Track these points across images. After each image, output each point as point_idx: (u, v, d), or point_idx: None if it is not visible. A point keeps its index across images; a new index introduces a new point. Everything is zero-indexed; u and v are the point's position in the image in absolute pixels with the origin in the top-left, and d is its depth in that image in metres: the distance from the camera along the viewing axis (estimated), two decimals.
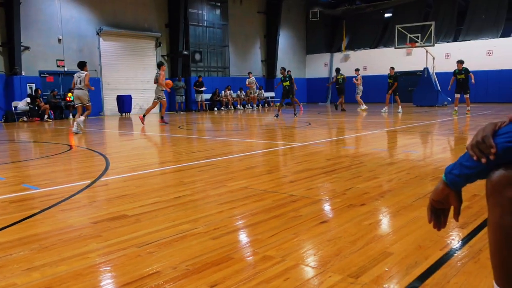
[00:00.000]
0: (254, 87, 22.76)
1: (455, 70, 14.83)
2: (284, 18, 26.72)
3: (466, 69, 14.68)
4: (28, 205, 3.74)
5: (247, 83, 22.43)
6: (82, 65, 10.90)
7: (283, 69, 15.38)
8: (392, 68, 17.30)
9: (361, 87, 18.14)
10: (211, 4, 23.38)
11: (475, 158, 1.26)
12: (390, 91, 16.89)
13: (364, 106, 17.81)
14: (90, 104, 11.13)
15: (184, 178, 4.72)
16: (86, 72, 10.82)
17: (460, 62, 14.70)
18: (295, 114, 15.24)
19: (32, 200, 3.91)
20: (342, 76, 17.98)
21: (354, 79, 18.26)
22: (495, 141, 1.23)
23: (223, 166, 5.38)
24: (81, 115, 11.02)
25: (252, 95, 22.99)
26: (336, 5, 28.76)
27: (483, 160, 1.24)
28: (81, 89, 10.82)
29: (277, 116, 14.38)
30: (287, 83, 14.97)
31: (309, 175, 4.60)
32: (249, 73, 22.73)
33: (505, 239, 1.24)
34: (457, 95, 14.74)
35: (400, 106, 16.45)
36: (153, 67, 20.86)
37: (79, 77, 10.74)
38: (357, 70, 18.73)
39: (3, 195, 4.02)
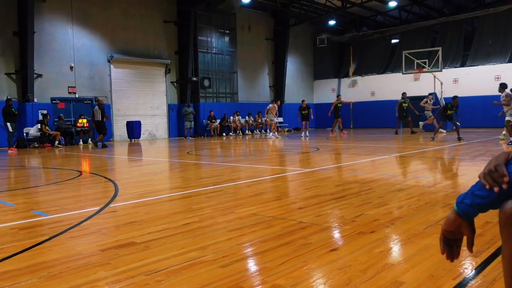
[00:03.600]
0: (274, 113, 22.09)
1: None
2: (292, 44, 27.08)
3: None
4: (37, 232, 3.74)
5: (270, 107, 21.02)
6: None
7: (303, 100, 20.27)
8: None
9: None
10: (220, 32, 23.81)
11: (487, 187, 1.24)
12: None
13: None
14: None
15: (192, 204, 4.72)
16: None
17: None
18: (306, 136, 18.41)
19: (41, 227, 3.92)
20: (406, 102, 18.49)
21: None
22: (508, 170, 1.21)
23: (232, 192, 5.36)
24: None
25: (269, 121, 21.63)
26: (343, 31, 29.13)
27: (496, 189, 1.22)
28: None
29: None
30: (306, 111, 19.38)
31: (318, 202, 4.57)
32: (275, 101, 22.03)
33: None
34: None
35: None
36: (162, 93, 21.16)
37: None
38: (430, 94, 19.21)
39: (13, 221, 4.04)
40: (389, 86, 25.59)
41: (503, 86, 12.81)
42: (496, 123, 22.47)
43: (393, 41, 28.54)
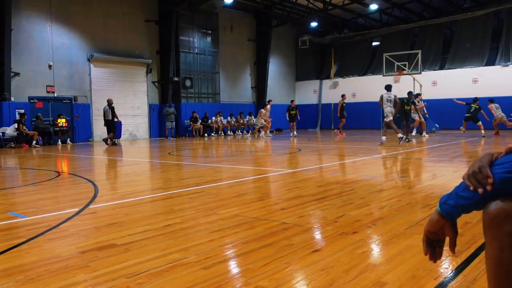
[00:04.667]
0: (268, 114, 22.10)
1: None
2: (274, 45, 27.15)
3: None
4: (14, 234, 3.65)
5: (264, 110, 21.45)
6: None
7: (292, 101, 20.74)
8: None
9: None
10: (202, 32, 23.71)
11: (471, 188, 1.25)
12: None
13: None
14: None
15: (174, 205, 4.67)
16: None
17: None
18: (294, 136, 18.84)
19: (18, 229, 3.82)
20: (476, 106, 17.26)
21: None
22: (492, 171, 1.22)
23: (214, 193, 5.33)
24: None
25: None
26: (324, 33, 29.35)
27: (480, 191, 1.22)
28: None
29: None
30: (294, 112, 19.76)
31: (301, 202, 4.58)
32: (269, 101, 22.53)
33: (505, 274, 1.21)
34: None
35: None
36: (143, 93, 20.94)
37: None
38: (419, 94, 18.81)
39: None
40: (370, 87, 25.87)
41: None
42: (474, 125, 22.99)
43: (374, 43, 28.89)
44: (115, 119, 16.43)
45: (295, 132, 19.44)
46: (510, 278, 1.21)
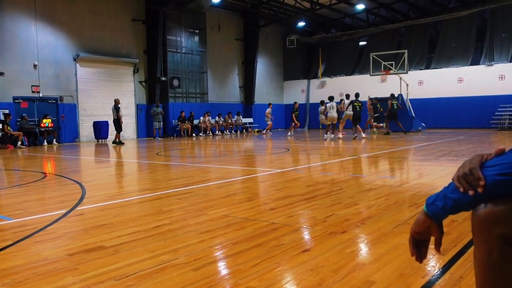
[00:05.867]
0: (270, 116, 22.87)
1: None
2: (262, 45, 27.17)
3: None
4: (0, 236, 3.60)
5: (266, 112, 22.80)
6: None
7: (296, 102, 21.72)
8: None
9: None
10: (189, 31, 23.62)
11: (461, 190, 1.24)
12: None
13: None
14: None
15: (163, 206, 4.65)
16: None
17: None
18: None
19: (4, 232, 3.77)
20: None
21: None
22: (483, 173, 1.22)
23: (203, 194, 5.32)
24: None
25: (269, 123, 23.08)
26: (312, 33, 29.46)
27: (471, 193, 1.22)
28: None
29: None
30: (297, 112, 21.15)
31: (289, 202, 4.59)
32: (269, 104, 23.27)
33: (493, 276, 1.22)
34: None
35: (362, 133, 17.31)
36: (130, 93, 20.79)
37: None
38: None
39: None
40: (357, 87, 25.98)
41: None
42: (457, 124, 23.26)
43: (361, 43, 29.08)
44: (119, 120, 16.93)
45: (292, 132, 20.88)
46: (498, 281, 1.22)
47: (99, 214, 4.30)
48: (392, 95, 19.23)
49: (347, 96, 17.93)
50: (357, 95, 17.18)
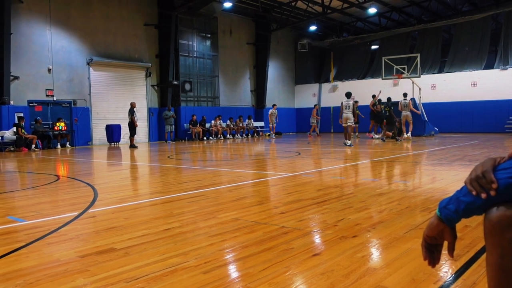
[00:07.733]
0: (274, 118, 23.26)
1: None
2: (273, 49, 27.20)
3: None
4: (13, 238, 3.64)
5: (269, 113, 23.51)
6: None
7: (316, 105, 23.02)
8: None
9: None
10: (201, 36, 23.76)
11: (474, 193, 1.23)
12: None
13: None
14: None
15: (173, 209, 4.66)
16: None
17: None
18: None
19: (17, 233, 3.82)
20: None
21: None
22: (496, 176, 1.21)
23: (213, 197, 5.33)
24: None
25: (271, 125, 23.69)
26: (323, 37, 29.42)
27: (483, 196, 1.20)
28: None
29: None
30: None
31: (300, 206, 4.57)
32: (273, 105, 23.65)
33: (506, 281, 1.20)
34: None
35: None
36: (142, 97, 20.96)
37: None
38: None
39: None
40: (369, 91, 25.88)
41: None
42: (471, 128, 23.00)
43: (373, 47, 28.95)
44: (134, 123, 17.00)
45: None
46: (511, 284, 1.20)
47: (111, 216, 4.33)
48: (383, 100, 19.23)
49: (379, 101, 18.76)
50: (389, 99, 17.91)
